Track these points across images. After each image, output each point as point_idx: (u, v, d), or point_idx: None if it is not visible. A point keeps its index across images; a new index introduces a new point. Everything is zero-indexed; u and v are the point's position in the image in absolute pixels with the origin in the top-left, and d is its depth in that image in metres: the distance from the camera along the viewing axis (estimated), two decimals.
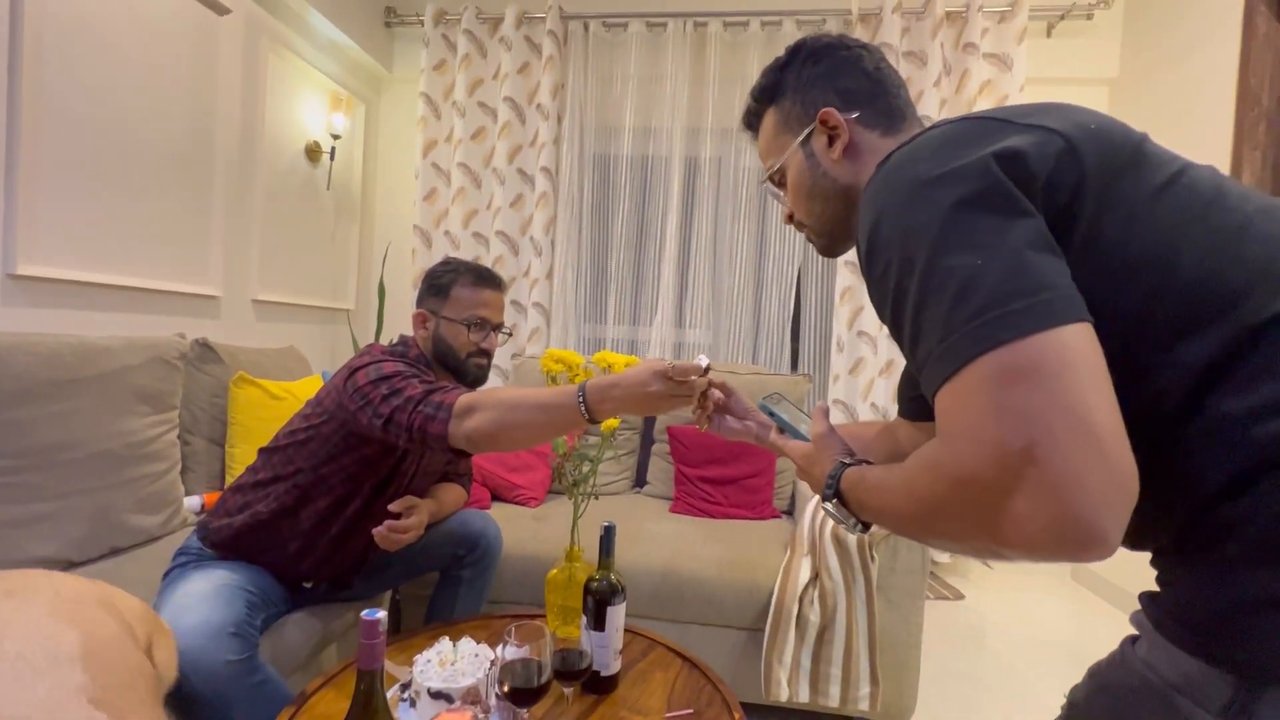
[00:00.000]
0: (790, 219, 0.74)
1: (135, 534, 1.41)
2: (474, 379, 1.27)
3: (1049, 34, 2.68)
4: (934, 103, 2.55)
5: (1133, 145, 0.49)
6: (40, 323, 1.58)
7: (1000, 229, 0.44)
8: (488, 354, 1.27)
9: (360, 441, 1.13)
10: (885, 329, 2.69)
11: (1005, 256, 0.43)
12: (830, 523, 1.54)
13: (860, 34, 2.59)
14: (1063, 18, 2.62)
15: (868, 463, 0.60)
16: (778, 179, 0.73)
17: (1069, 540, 0.38)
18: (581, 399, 0.92)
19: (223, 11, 2.12)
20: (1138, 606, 0.51)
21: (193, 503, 1.59)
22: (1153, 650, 0.48)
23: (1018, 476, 0.38)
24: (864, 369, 2.63)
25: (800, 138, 0.68)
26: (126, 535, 1.39)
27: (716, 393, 0.90)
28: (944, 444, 0.44)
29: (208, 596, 1.02)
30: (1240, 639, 0.41)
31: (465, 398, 0.99)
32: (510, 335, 1.36)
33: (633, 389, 0.90)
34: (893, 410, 2.61)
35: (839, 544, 1.50)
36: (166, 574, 1.13)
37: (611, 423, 1.18)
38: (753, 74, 2.77)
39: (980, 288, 0.42)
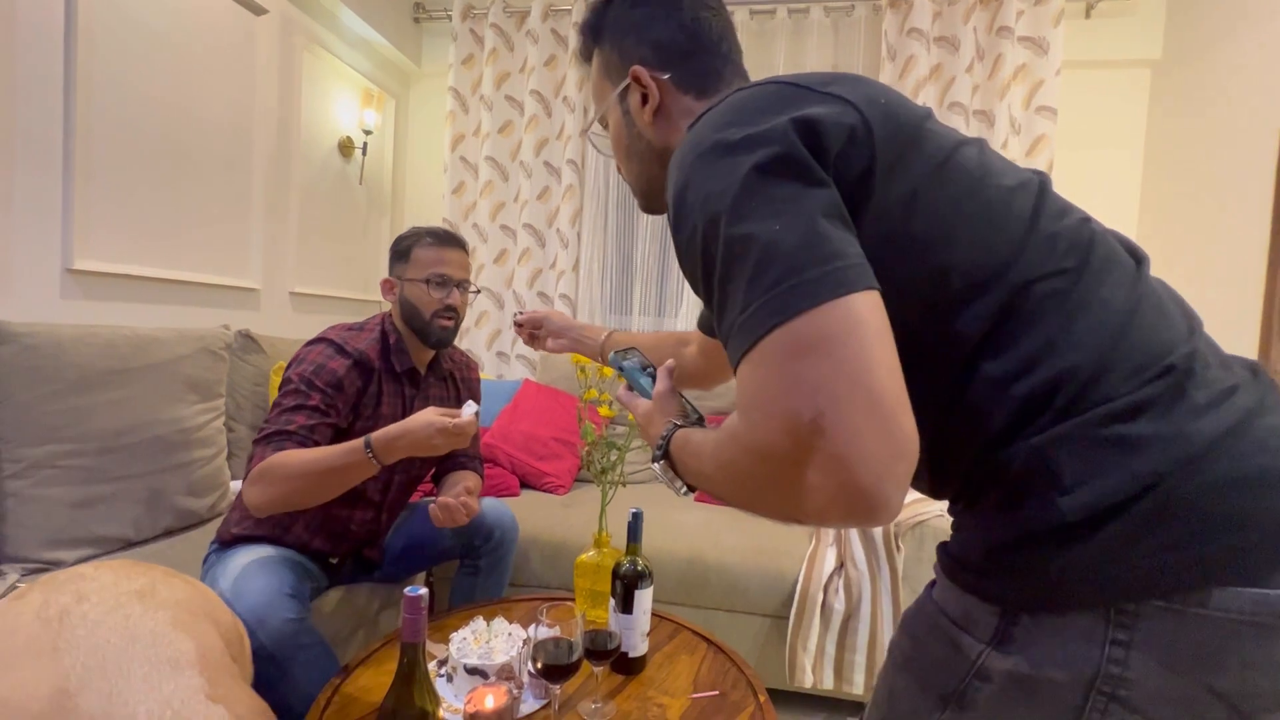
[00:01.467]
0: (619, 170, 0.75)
1: (186, 516, 1.48)
2: (437, 340, 1.30)
3: (1087, 15, 2.60)
4: (966, 88, 2.50)
5: (916, 122, 0.51)
6: (95, 315, 1.67)
7: (797, 197, 0.44)
8: (453, 311, 1.30)
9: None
10: None
11: (801, 224, 0.43)
12: None
13: (890, 20, 2.55)
14: None
15: (701, 425, 0.62)
16: (603, 126, 0.72)
17: (857, 510, 0.39)
18: (370, 451, 1.06)
19: (260, 11, 2.18)
20: None
21: (238, 487, 1.66)
22: (942, 592, 0.53)
23: (808, 449, 0.39)
24: None
25: (617, 91, 0.67)
26: (179, 517, 1.47)
27: (526, 332, 1.10)
28: (742, 416, 0.45)
29: (264, 565, 1.11)
30: (999, 575, 0.47)
31: (260, 467, 1.07)
32: (478, 293, 1.41)
33: (418, 441, 1.07)
34: None
35: (864, 534, 1.51)
36: (207, 558, 1.21)
37: None
38: (780, 64, 2.74)
39: (776, 257, 0.43)
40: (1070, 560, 0.43)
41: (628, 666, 1.09)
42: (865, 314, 0.41)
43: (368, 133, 2.78)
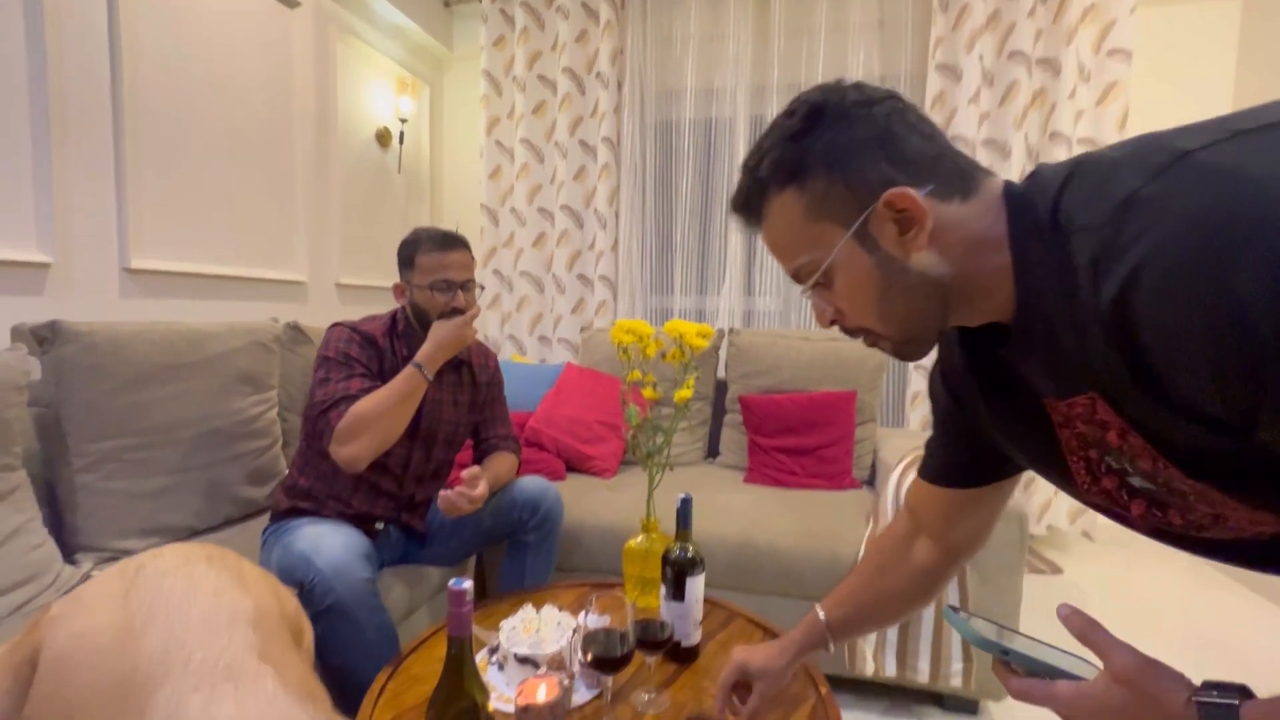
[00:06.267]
0: (841, 325, 0.59)
1: (246, 505, 1.52)
2: None
3: None
4: (1028, 35, 2.31)
5: None
6: (150, 312, 1.72)
7: None
8: (459, 311, 1.33)
9: None
10: None
11: None
12: None
13: None
14: None
15: (1245, 691, 0.41)
16: (822, 281, 0.57)
17: None
18: (419, 367, 1.24)
19: (293, 4, 2.19)
20: (1250, 574, 0.45)
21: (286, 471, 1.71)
22: None
23: None
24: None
25: (853, 229, 0.53)
26: (239, 506, 1.51)
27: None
28: None
29: (334, 529, 1.18)
30: None
31: (343, 424, 1.18)
32: (483, 289, 1.42)
33: (447, 340, 1.25)
34: None
35: None
36: (265, 538, 1.27)
37: (684, 393, 1.15)
38: (820, 25, 2.60)
39: None
40: None
41: (681, 655, 1.06)
42: None
43: (403, 120, 2.79)
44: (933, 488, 0.73)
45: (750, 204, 0.59)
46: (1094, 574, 2.38)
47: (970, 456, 0.69)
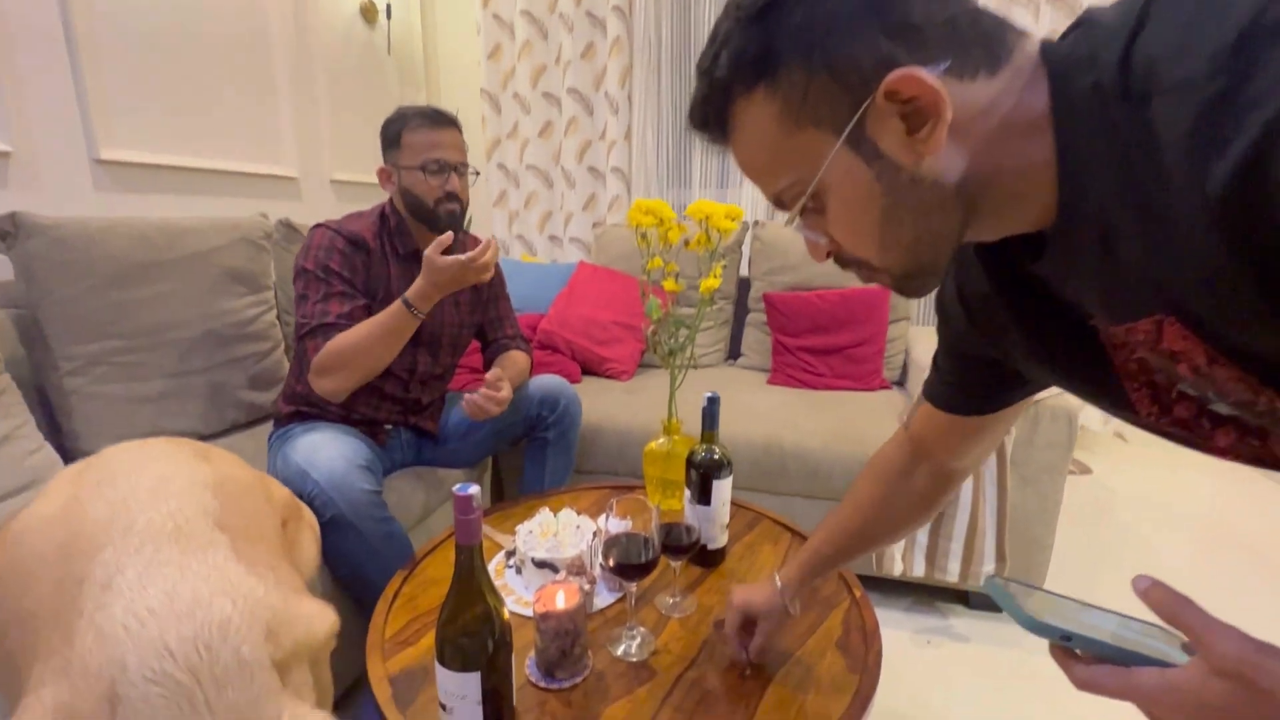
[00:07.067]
0: (838, 258, 0.46)
1: (251, 410, 1.47)
2: (446, 227, 1.19)
3: None
4: None
5: None
6: (130, 208, 1.60)
7: None
8: (455, 197, 1.20)
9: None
10: None
11: None
12: None
13: None
14: None
15: None
16: (811, 206, 0.43)
17: None
18: (409, 305, 1.09)
19: None
20: None
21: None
22: None
23: None
24: None
25: (845, 133, 0.39)
26: (245, 411, 1.46)
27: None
28: None
29: (333, 438, 1.11)
30: None
31: (320, 357, 1.10)
32: (478, 175, 1.28)
33: (443, 279, 1.07)
34: None
35: None
36: (270, 444, 1.21)
37: (711, 282, 1.03)
38: None
39: None
40: None
41: (707, 559, 1.01)
42: None
43: None
44: (941, 414, 0.62)
45: (711, 117, 0.44)
46: (1124, 475, 2.32)
47: (984, 383, 0.57)
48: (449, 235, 1.07)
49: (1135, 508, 2.07)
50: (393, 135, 1.19)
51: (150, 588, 0.59)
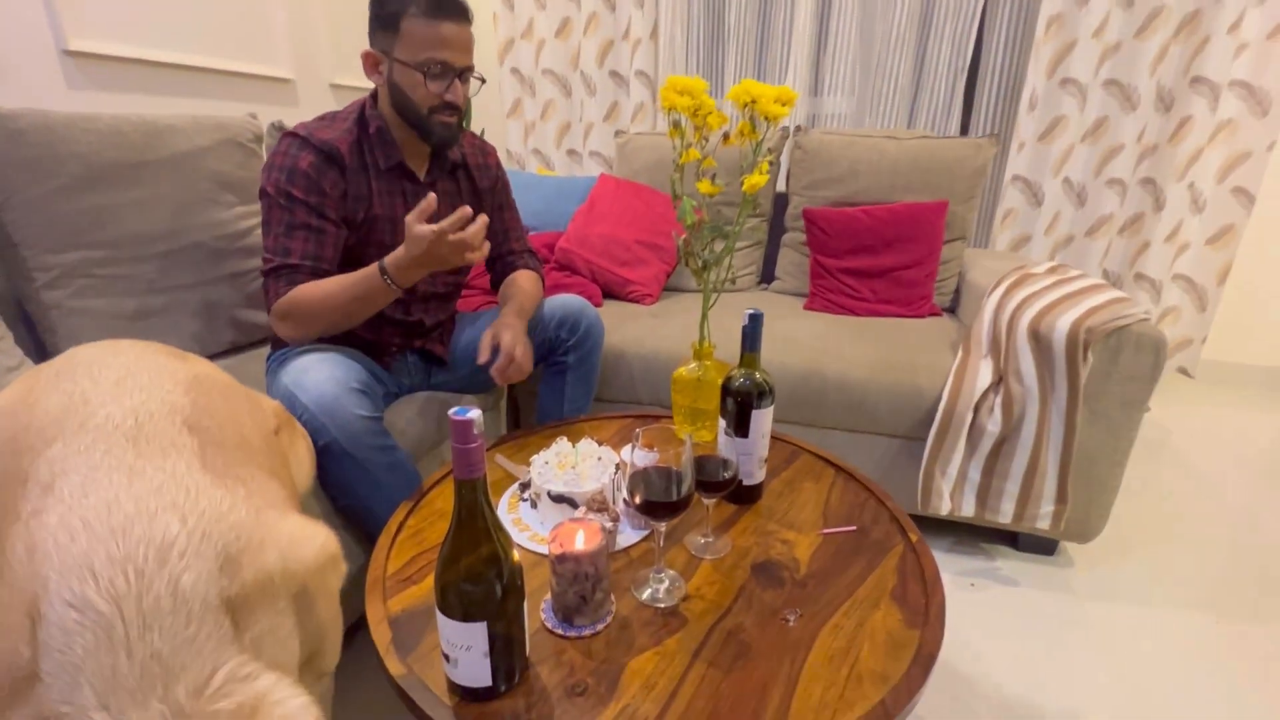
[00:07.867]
0: None
1: (250, 330, 1.38)
2: (440, 141, 1.05)
3: None
4: None
5: None
6: (108, 106, 1.46)
7: None
8: (454, 108, 1.03)
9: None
10: (1100, 75, 2.09)
11: None
12: (1025, 318, 1.21)
13: None
14: None
15: None
16: None
17: None
18: (387, 278, 0.96)
19: None
20: None
21: None
22: None
23: None
24: (1061, 132, 2.03)
25: None
26: (243, 331, 1.37)
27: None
28: None
29: (326, 359, 0.98)
30: None
31: (281, 303, 0.99)
32: (484, 81, 1.07)
33: (425, 257, 0.92)
34: (1106, 204, 2.05)
35: (1037, 341, 1.18)
36: (269, 367, 1.10)
37: (757, 179, 0.88)
38: None
39: None
40: None
41: (743, 495, 0.90)
42: None
43: None
44: None
45: None
46: (1182, 413, 2.16)
47: None
48: (432, 199, 0.90)
49: (1192, 445, 1.93)
50: (388, 16, 0.98)
51: (91, 495, 0.50)
